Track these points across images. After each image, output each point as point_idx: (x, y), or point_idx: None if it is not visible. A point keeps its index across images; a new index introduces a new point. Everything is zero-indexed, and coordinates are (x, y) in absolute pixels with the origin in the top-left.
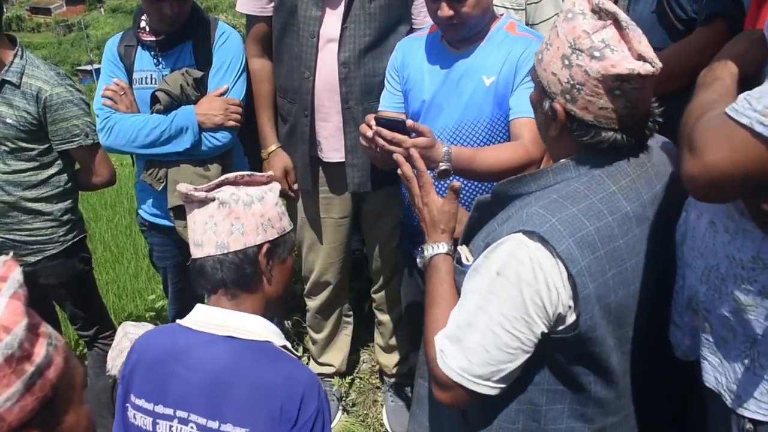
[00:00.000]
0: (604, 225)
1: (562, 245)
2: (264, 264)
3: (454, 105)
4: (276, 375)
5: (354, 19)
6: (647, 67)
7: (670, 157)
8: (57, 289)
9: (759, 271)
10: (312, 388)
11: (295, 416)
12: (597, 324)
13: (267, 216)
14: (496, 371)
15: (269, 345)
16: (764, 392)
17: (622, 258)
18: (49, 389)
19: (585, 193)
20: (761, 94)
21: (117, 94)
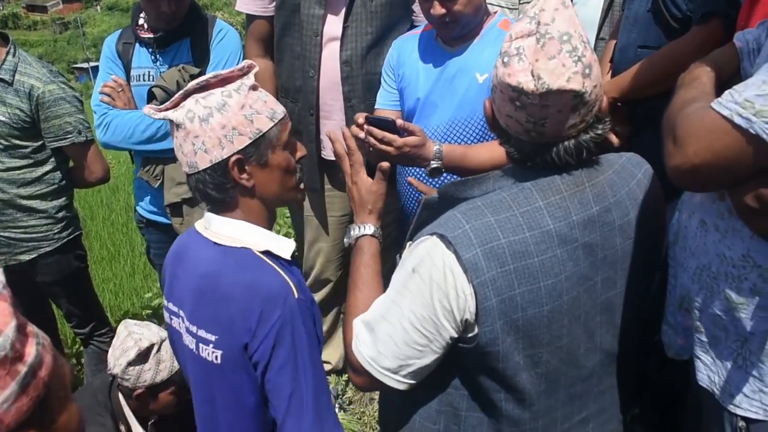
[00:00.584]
0: (519, 240)
1: (469, 254)
2: (238, 175)
3: (448, 102)
4: (239, 283)
5: (355, 17)
6: (529, 85)
7: (627, 181)
8: (52, 287)
9: (749, 269)
10: (275, 297)
11: (254, 326)
12: (499, 339)
13: (230, 125)
14: (403, 365)
15: (247, 252)
16: (756, 390)
17: (534, 276)
18: (43, 388)
19: (509, 204)
20: (744, 88)
21: (115, 91)
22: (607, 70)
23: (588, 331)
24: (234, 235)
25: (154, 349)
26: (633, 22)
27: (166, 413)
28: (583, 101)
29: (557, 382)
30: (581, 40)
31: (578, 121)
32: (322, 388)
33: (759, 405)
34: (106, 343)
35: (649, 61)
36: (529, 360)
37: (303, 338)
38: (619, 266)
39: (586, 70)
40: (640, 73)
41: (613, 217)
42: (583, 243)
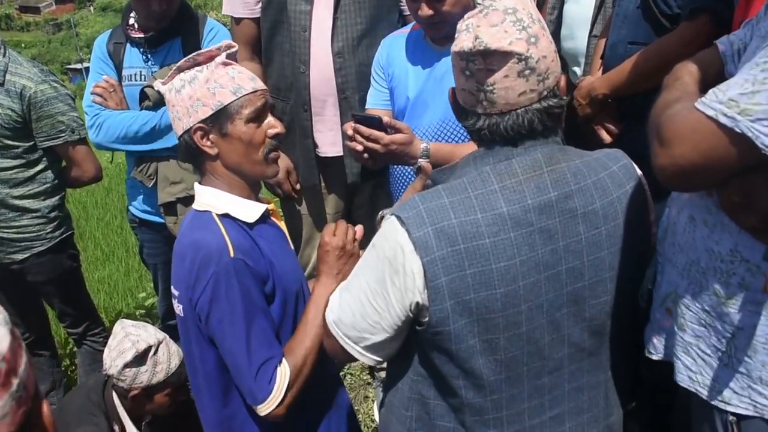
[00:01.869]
0: (471, 221)
1: (420, 232)
2: (201, 143)
3: (438, 102)
4: (188, 242)
5: (344, 9)
6: (468, 44)
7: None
8: (45, 286)
9: (737, 264)
10: (210, 255)
11: (194, 281)
12: (449, 319)
13: (195, 96)
14: (360, 338)
15: (206, 214)
16: (744, 386)
17: (486, 258)
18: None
19: (465, 186)
20: (728, 87)
21: (107, 91)
22: (598, 66)
23: (553, 321)
24: (204, 200)
25: (151, 351)
26: (623, 18)
27: (161, 413)
28: (529, 66)
29: (519, 372)
30: (530, 16)
31: (528, 90)
32: (258, 342)
33: (748, 401)
34: (99, 342)
35: (638, 57)
36: (486, 345)
37: (237, 294)
38: (584, 256)
39: (532, 38)
40: (630, 69)
41: (575, 205)
42: (540, 228)
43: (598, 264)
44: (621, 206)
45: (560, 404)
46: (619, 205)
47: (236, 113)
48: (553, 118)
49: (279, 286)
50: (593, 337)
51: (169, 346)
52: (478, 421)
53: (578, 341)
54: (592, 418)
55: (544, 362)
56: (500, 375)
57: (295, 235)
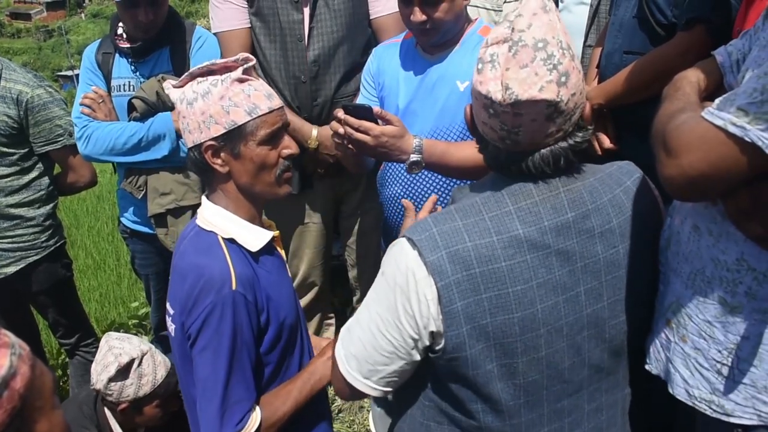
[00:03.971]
0: (486, 243)
1: (433, 256)
2: (211, 161)
3: (428, 111)
4: (192, 264)
5: (319, 17)
6: (497, 95)
7: (611, 188)
8: (39, 296)
9: (744, 272)
10: (212, 282)
11: (191, 306)
12: (465, 344)
13: (208, 113)
14: (373, 371)
15: (212, 236)
16: (748, 396)
17: (502, 281)
18: (18, 400)
19: (479, 208)
20: (735, 97)
21: (95, 102)
22: (593, 76)
23: (574, 344)
24: (210, 219)
25: (134, 364)
26: (619, 27)
27: (154, 425)
28: (559, 110)
29: (539, 396)
30: (559, 46)
31: (555, 130)
32: (237, 379)
33: (752, 411)
34: (91, 353)
35: (634, 66)
36: (504, 369)
37: (228, 327)
38: (603, 276)
39: (562, 78)
40: (626, 79)
41: (592, 224)
42: (557, 249)
43: (616, 283)
44: (636, 223)
45: (580, 426)
46: (635, 222)
47: (250, 134)
48: (577, 153)
49: (274, 318)
50: (612, 357)
51: (155, 358)
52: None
53: (598, 362)
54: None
55: (564, 385)
56: (519, 400)
57: None
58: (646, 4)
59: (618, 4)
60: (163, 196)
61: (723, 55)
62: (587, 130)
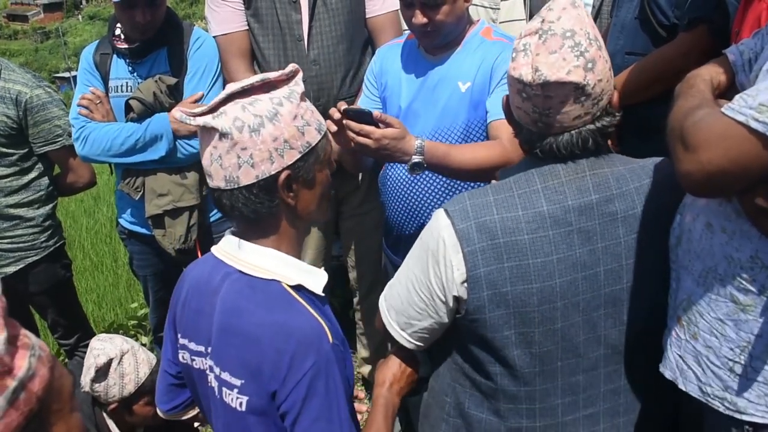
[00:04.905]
0: (512, 217)
1: (463, 225)
2: (284, 193)
3: (430, 112)
4: (269, 324)
5: (318, 16)
6: (528, 76)
7: (640, 177)
8: (39, 297)
9: (758, 270)
10: (309, 342)
11: (285, 373)
12: (485, 308)
13: (282, 137)
14: (407, 324)
15: (276, 285)
16: (761, 394)
17: (523, 253)
18: (35, 402)
19: (510, 186)
20: (757, 92)
21: (93, 103)
22: None
23: (590, 321)
24: (263, 265)
25: (113, 364)
26: (620, 29)
27: (152, 424)
28: (586, 93)
29: (553, 367)
30: (587, 37)
31: (583, 113)
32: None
33: (764, 408)
34: None
35: (636, 67)
36: (522, 338)
37: (339, 388)
38: (623, 259)
39: (589, 64)
40: (628, 80)
41: (616, 208)
42: (578, 228)
43: (637, 268)
44: (662, 213)
45: (595, 404)
46: (662, 211)
47: (323, 155)
48: (605, 136)
49: (348, 362)
50: (631, 341)
51: (137, 356)
52: (512, 409)
53: (615, 343)
54: (628, 422)
55: (578, 360)
56: (534, 368)
57: None
58: (647, 5)
59: (620, 6)
60: (161, 198)
61: (735, 53)
62: (615, 116)
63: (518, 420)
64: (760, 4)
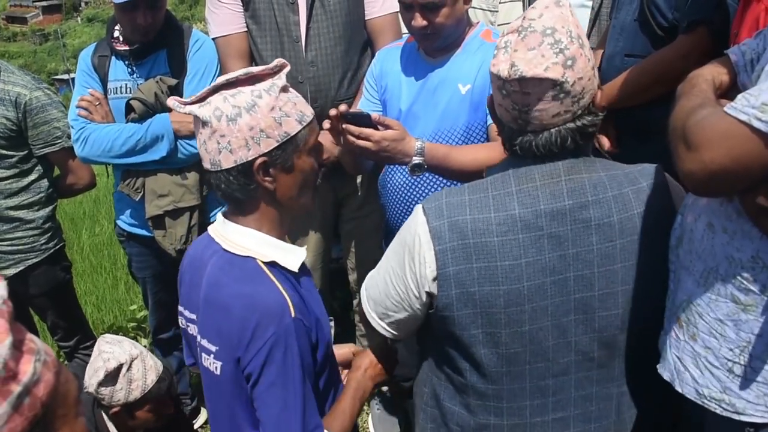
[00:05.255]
0: (483, 218)
1: (436, 223)
2: (262, 178)
3: (430, 114)
4: (238, 295)
5: (316, 18)
6: (504, 72)
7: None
8: (38, 299)
9: (759, 270)
10: (271, 313)
11: (248, 340)
12: (453, 306)
13: (258, 127)
14: (384, 314)
15: (251, 261)
16: (760, 394)
17: (492, 254)
18: (40, 408)
19: (487, 186)
20: (759, 92)
21: (92, 105)
22: None
23: (559, 326)
24: (242, 243)
25: (123, 369)
26: (620, 30)
27: (151, 427)
28: (564, 90)
29: (521, 369)
30: (568, 35)
31: (563, 111)
32: (310, 410)
33: (764, 409)
34: (90, 356)
35: (636, 69)
36: (489, 337)
37: (295, 358)
38: (596, 266)
39: (569, 61)
40: (627, 82)
41: (590, 215)
42: (549, 233)
43: (610, 276)
44: (643, 223)
45: (565, 408)
46: (639, 222)
47: (303, 144)
48: (585, 136)
49: (321, 339)
50: (603, 349)
51: (145, 362)
52: (480, 405)
53: (586, 350)
54: (601, 428)
55: (548, 364)
56: (501, 368)
57: None
58: (647, 7)
59: (619, 8)
60: (161, 198)
61: (737, 54)
62: (597, 115)
63: (486, 416)
64: (758, 5)
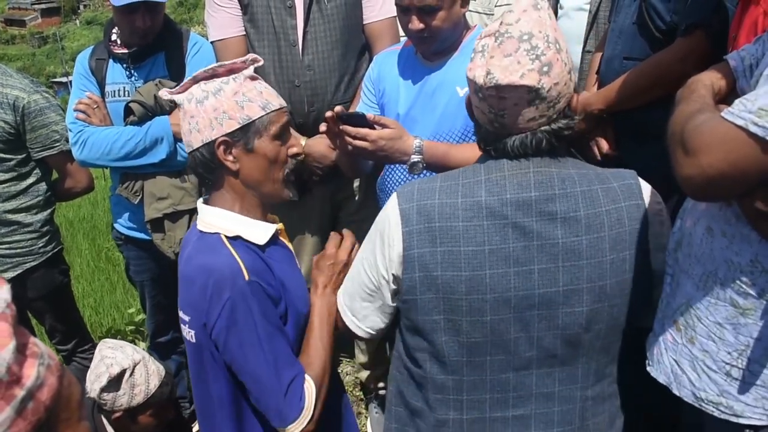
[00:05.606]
0: (450, 203)
1: (406, 205)
2: (223, 157)
3: (428, 118)
4: (198, 266)
5: (313, 22)
6: (480, 79)
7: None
8: (37, 302)
9: (758, 274)
10: (224, 278)
11: (207, 306)
12: (417, 289)
13: (221, 109)
14: (357, 308)
15: (215, 236)
16: (758, 397)
17: (455, 239)
18: (43, 412)
19: (458, 175)
20: (756, 97)
21: (90, 108)
22: (593, 82)
23: (521, 319)
24: (211, 221)
25: (126, 374)
26: (618, 34)
27: None
28: (540, 96)
29: (482, 360)
30: (545, 40)
31: (538, 116)
32: (282, 362)
33: (762, 411)
34: (88, 359)
35: (634, 72)
36: (450, 324)
37: (257, 317)
38: (560, 260)
39: (545, 68)
40: (626, 84)
41: (556, 208)
42: (514, 222)
43: (575, 272)
44: (610, 220)
45: (525, 405)
46: (607, 219)
47: (264, 129)
48: (561, 139)
49: (291, 308)
50: (567, 347)
51: (147, 367)
52: (440, 399)
53: (549, 347)
54: None
55: (509, 357)
56: (462, 357)
57: None
58: (645, 11)
59: (618, 11)
60: (160, 201)
61: (736, 59)
62: (572, 119)
63: (446, 411)
64: (757, 8)
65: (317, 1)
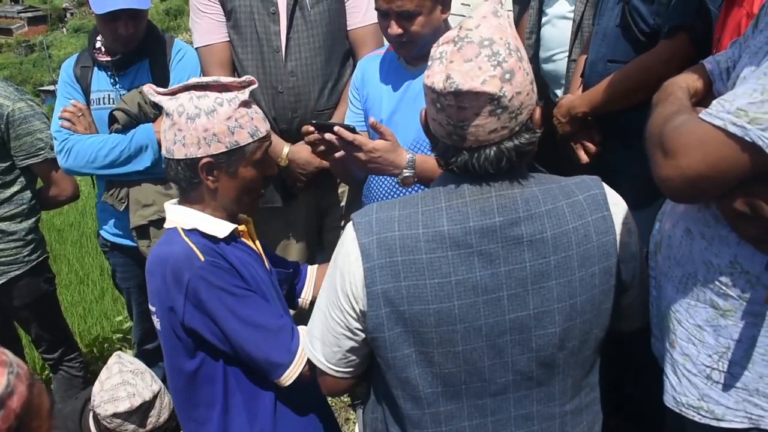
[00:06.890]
0: (412, 235)
1: (366, 239)
2: (204, 176)
3: (411, 123)
4: (155, 257)
5: (297, 28)
6: (439, 84)
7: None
8: (22, 311)
9: (737, 275)
10: (180, 262)
11: (170, 290)
12: (384, 326)
13: (212, 131)
14: (331, 353)
15: (173, 230)
16: (739, 400)
17: (421, 272)
18: (14, 419)
19: (417, 202)
20: (734, 97)
21: (75, 116)
22: (578, 85)
23: (494, 346)
24: (173, 218)
25: (143, 407)
26: (602, 36)
27: None
28: (502, 105)
29: (457, 389)
30: (507, 47)
31: (500, 127)
32: (265, 315)
33: (743, 414)
34: (75, 368)
35: (618, 74)
36: (422, 357)
37: (223, 284)
38: (529, 284)
39: (507, 75)
40: (610, 87)
41: (521, 232)
42: (480, 251)
43: (545, 293)
44: (577, 237)
45: (506, 428)
46: (574, 236)
47: (249, 156)
48: (522, 156)
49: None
50: (542, 368)
51: (163, 399)
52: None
53: (524, 370)
54: None
55: (484, 384)
56: (437, 388)
57: None
58: (629, 13)
59: (601, 14)
60: (146, 208)
61: (712, 63)
62: (535, 133)
63: None
64: (740, 10)
65: (300, 8)
